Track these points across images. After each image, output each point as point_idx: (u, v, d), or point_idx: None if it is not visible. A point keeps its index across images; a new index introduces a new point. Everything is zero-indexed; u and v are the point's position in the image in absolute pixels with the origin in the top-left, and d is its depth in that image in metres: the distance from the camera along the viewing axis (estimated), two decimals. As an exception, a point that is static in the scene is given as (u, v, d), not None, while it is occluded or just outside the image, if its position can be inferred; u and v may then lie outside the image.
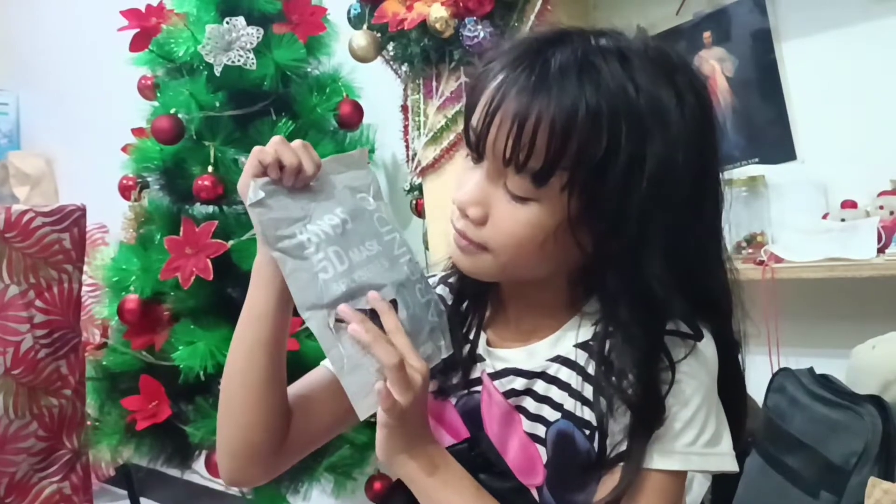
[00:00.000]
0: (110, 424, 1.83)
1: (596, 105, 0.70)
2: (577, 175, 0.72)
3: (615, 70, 0.72)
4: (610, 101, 0.70)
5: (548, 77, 0.71)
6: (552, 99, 0.70)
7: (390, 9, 1.81)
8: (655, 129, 0.71)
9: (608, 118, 0.70)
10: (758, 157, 1.76)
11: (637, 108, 0.71)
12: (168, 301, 1.80)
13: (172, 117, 1.78)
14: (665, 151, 0.72)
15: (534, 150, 0.71)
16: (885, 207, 1.47)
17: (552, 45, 0.74)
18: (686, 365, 0.78)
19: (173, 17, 1.84)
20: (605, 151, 0.70)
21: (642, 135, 0.71)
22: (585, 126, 0.70)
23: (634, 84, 0.72)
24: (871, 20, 1.59)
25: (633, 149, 0.71)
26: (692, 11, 1.83)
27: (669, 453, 0.77)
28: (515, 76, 0.73)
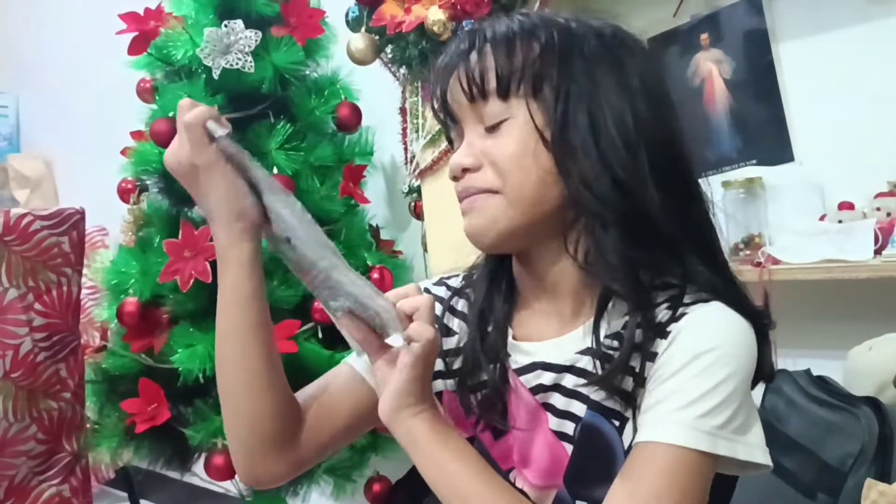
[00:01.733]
0: (109, 427, 1.83)
1: (530, 24, 0.81)
2: (529, 80, 0.79)
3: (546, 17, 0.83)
4: (541, 23, 0.81)
5: (485, 32, 0.82)
6: (490, 31, 0.81)
7: (388, 11, 1.81)
8: (582, 44, 0.81)
9: (542, 31, 0.80)
10: (755, 159, 1.76)
11: (565, 27, 0.82)
12: (167, 304, 1.80)
13: (171, 120, 1.78)
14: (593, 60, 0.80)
15: (486, 74, 0.79)
16: (882, 209, 1.47)
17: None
18: (683, 325, 0.76)
19: (171, 21, 1.84)
20: (542, 53, 0.79)
21: (572, 44, 0.80)
22: (523, 38, 0.80)
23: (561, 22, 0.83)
24: (868, 21, 1.59)
25: (565, 51, 0.80)
26: (689, 13, 1.83)
27: (682, 425, 0.72)
28: (458, 47, 0.83)
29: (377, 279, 1.87)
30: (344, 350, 1.75)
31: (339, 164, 1.90)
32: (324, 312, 1.71)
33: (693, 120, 1.86)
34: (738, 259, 1.59)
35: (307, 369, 1.73)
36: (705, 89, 1.83)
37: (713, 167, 1.83)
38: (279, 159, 1.79)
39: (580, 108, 0.78)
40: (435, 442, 0.77)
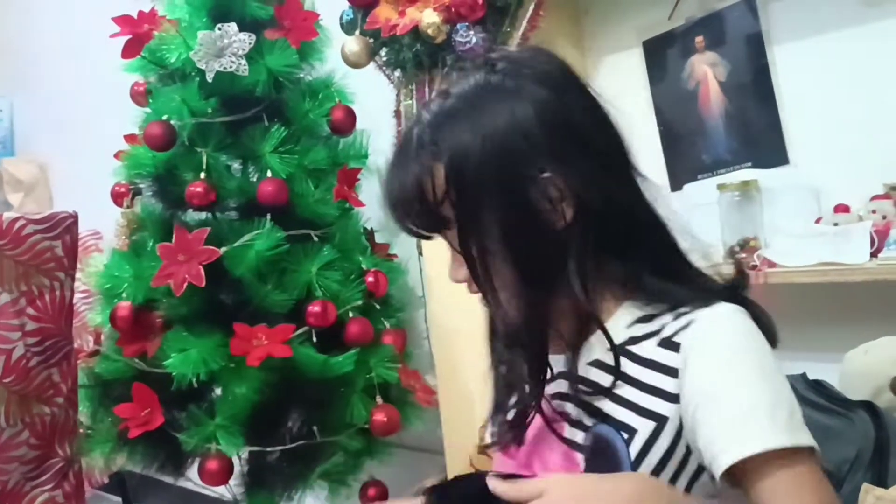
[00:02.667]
0: (103, 432, 1.82)
1: (426, 153, 0.82)
2: (447, 220, 0.83)
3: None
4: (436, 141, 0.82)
5: (392, 178, 0.85)
6: (397, 165, 0.85)
7: (382, 14, 1.81)
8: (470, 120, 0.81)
9: (441, 157, 0.81)
10: (750, 162, 1.76)
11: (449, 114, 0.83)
12: (160, 308, 1.79)
13: (164, 124, 1.78)
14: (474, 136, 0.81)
15: (414, 223, 0.85)
16: (878, 212, 1.47)
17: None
18: (693, 334, 0.79)
19: (165, 24, 1.83)
20: (446, 192, 0.81)
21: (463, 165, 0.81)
22: (424, 179, 0.81)
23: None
24: (863, 24, 1.59)
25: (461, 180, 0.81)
26: (684, 16, 1.83)
27: (770, 430, 0.73)
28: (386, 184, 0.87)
29: (372, 283, 1.86)
30: (338, 354, 1.74)
31: (334, 167, 1.89)
32: (318, 316, 1.72)
33: (688, 123, 1.86)
34: (734, 262, 1.58)
35: (301, 373, 1.73)
36: (700, 92, 1.83)
37: (708, 170, 1.83)
38: (273, 162, 1.78)
39: (494, 230, 0.81)
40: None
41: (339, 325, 1.79)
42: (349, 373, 1.74)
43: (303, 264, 1.78)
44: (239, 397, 1.70)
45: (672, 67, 1.87)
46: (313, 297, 1.76)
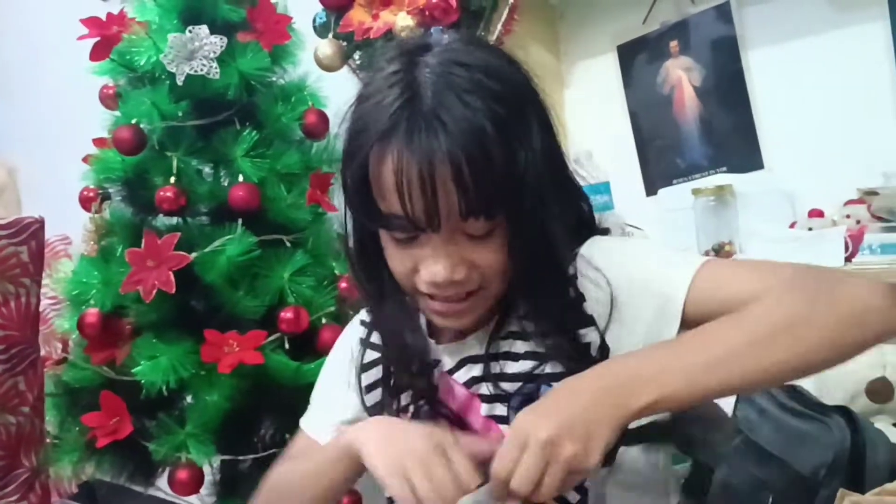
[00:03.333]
0: (70, 441, 1.78)
1: (492, 123, 0.76)
2: (507, 188, 0.78)
3: (472, 79, 0.78)
4: (493, 111, 0.77)
5: (439, 122, 0.75)
6: (462, 138, 0.75)
7: (356, 17, 1.79)
8: (527, 113, 0.82)
9: (505, 128, 0.77)
10: (725, 167, 1.77)
11: (507, 98, 0.79)
12: (129, 315, 1.76)
13: (134, 127, 1.75)
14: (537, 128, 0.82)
15: (481, 194, 0.76)
16: (852, 216, 1.47)
17: (409, 91, 0.78)
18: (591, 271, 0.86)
19: (135, 26, 1.80)
20: (510, 157, 0.78)
21: (524, 123, 0.81)
22: (497, 148, 0.77)
23: (495, 81, 0.79)
24: (835, 29, 1.60)
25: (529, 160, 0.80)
26: (659, 21, 1.83)
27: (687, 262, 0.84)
28: (411, 140, 0.76)
29: (345, 289, 1.84)
30: (311, 361, 1.72)
31: (307, 171, 1.87)
32: (290, 323, 1.69)
33: (663, 127, 1.86)
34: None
35: (273, 380, 1.70)
36: (675, 97, 1.83)
37: (683, 174, 1.83)
38: (245, 167, 1.76)
39: (544, 208, 0.82)
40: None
41: (311, 332, 1.76)
42: (322, 379, 1.72)
43: (275, 270, 1.76)
44: (210, 405, 1.68)
45: (647, 72, 1.87)
46: (286, 303, 1.74)
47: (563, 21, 2.00)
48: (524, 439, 0.71)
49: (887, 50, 1.53)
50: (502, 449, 0.73)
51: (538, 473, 0.71)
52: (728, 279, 0.81)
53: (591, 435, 0.71)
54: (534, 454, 0.70)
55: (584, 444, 0.70)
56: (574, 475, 0.72)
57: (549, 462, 0.70)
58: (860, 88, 1.58)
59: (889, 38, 1.53)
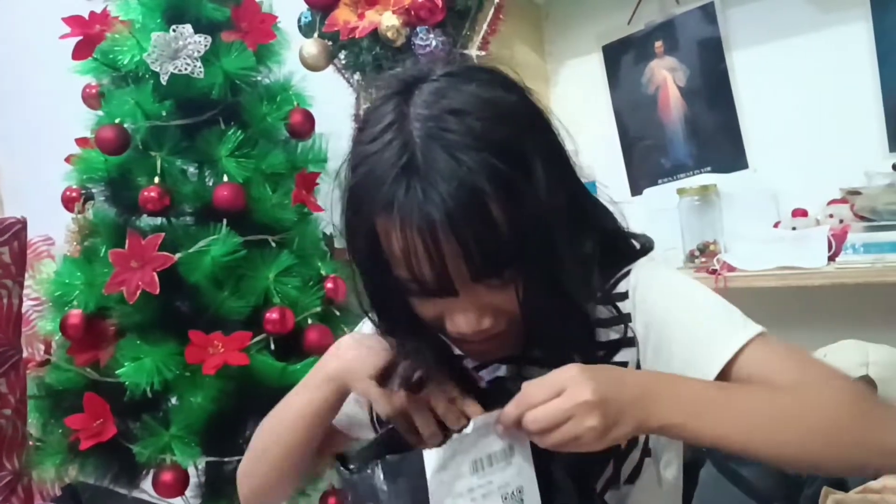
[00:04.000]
0: (53, 444, 1.77)
1: (490, 179, 0.72)
2: (514, 244, 0.76)
3: (464, 129, 0.74)
4: (489, 166, 0.73)
5: (435, 190, 0.72)
6: (460, 206, 0.72)
7: (341, 17, 1.79)
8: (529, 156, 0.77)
9: (504, 181, 0.73)
10: (710, 166, 1.77)
11: (507, 140, 0.76)
12: (113, 316, 1.74)
13: (117, 127, 1.73)
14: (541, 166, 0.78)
15: (488, 258, 0.74)
16: (835, 216, 1.48)
17: (403, 153, 0.74)
18: (635, 284, 0.86)
19: (118, 25, 1.79)
20: (514, 212, 0.74)
21: (526, 167, 0.76)
22: (497, 206, 0.73)
23: (494, 122, 0.76)
24: (819, 30, 1.61)
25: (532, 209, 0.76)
26: (644, 21, 1.83)
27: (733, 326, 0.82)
28: (411, 211, 0.73)
29: (331, 289, 1.84)
30: (296, 362, 1.72)
31: (292, 171, 1.86)
32: (276, 323, 1.69)
33: (648, 127, 1.87)
34: (694, 266, 1.59)
35: (259, 381, 1.70)
36: (660, 97, 1.83)
37: (668, 174, 1.84)
38: (230, 166, 1.75)
39: (555, 251, 0.79)
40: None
41: (297, 333, 1.76)
42: (308, 380, 1.71)
43: (260, 270, 1.75)
44: (195, 407, 1.67)
45: (632, 72, 1.88)
46: (271, 303, 1.73)
47: (548, 21, 2.00)
48: (563, 386, 0.72)
49: (870, 50, 1.54)
50: (538, 381, 0.74)
51: (556, 422, 0.71)
52: (776, 366, 0.80)
53: (618, 423, 0.72)
54: (564, 405, 0.71)
55: (606, 426, 0.71)
56: (576, 445, 0.72)
57: (570, 419, 0.71)
58: (843, 89, 1.59)
59: (872, 38, 1.54)
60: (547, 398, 0.72)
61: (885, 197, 1.41)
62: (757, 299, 1.57)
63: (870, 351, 1.34)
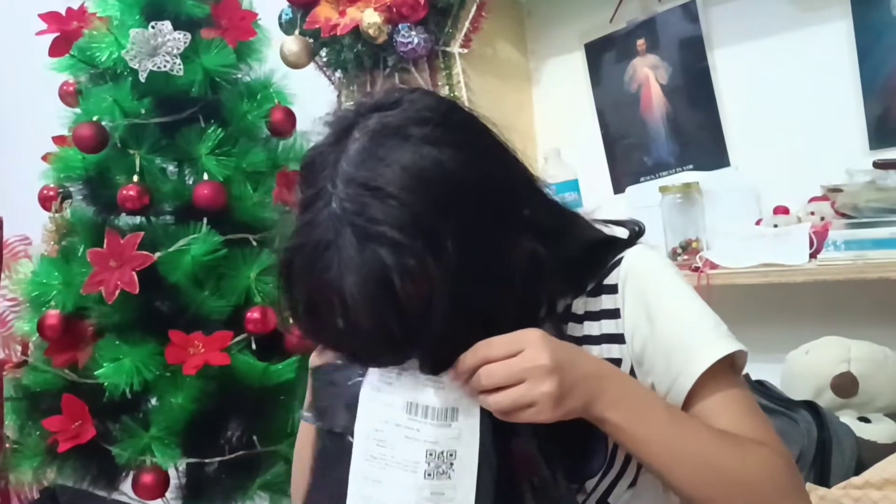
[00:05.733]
0: (31, 446, 1.75)
1: (398, 270, 0.70)
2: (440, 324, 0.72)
3: (384, 209, 0.71)
4: (397, 251, 0.70)
5: (348, 268, 0.71)
6: (367, 291, 0.70)
7: (323, 14, 1.78)
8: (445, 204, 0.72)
9: (418, 265, 0.70)
10: (692, 164, 1.78)
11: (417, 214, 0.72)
12: (92, 316, 1.72)
13: (95, 125, 1.71)
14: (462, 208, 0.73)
15: (405, 337, 0.72)
16: (816, 213, 1.49)
17: (323, 225, 0.73)
18: (625, 272, 0.84)
19: (95, 21, 1.76)
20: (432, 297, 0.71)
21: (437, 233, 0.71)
22: (405, 287, 0.70)
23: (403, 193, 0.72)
24: (800, 28, 1.62)
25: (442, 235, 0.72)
26: (625, 19, 1.84)
27: (707, 344, 0.80)
28: (329, 285, 0.72)
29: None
30: (278, 362, 1.70)
31: (273, 169, 1.85)
32: (257, 323, 1.67)
33: (630, 125, 1.87)
34: (677, 264, 1.59)
35: (240, 381, 1.68)
36: (642, 95, 1.84)
37: (650, 172, 1.84)
38: (210, 165, 1.73)
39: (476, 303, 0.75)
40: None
41: (279, 332, 1.74)
42: (290, 380, 1.70)
43: (241, 269, 1.73)
44: (175, 407, 1.65)
45: (614, 70, 1.88)
46: (252, 303, 1.72)
47: (530, 19, 2.00)
48: (521, 347, 0.73)
49: (850, 48, 1.55)
50: (498, 339, 0.73)
51: (511, 381, 0.72)
52: (737, 414, 0.80)
53: (570, 394, 0.72)
54: (522, 364, 0.72)
55: (561, 394, 0.72)
56: (529, 412, 0.72)
57: (523, 382, 0.71)
58: (824, 87, 1.60)
59: (852, 36, 1.55)
60: (505, 355, 0.72)
61: (866, 194, 1.41)
62: (739, 296, 1.58)
63: (851, 347, 1.35)
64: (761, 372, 1.36)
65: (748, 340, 1.63)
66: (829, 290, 1.45)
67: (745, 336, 1.64)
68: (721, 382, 0.80)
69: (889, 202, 1.37)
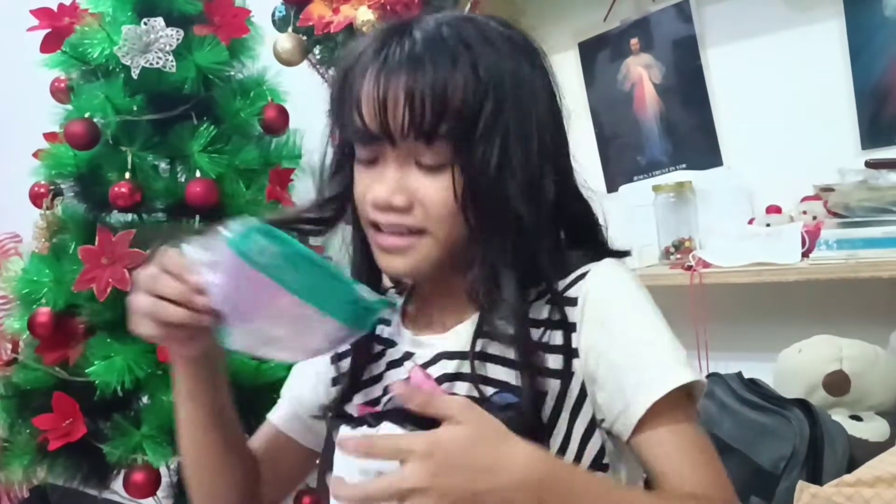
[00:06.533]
0: (21, 445, 1.74)
1: (471, 58, 0.76)
2: (473, 128, 0.76)
3: (471, 32, 0.78)
4: (478, 53, 0.76)
5: (421, 44, 0.76)
6: (437, 58, 0.75)
7: (316, 11, 1.77)
8: (517, 80, 0.79)
9: (483, 70, 0.76)
10: (685, 163, 1.78)
11: (499, 62, 0.78)
12: (83, 314, 1.71)
13: (87, 121, 1.71)
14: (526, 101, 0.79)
15: (443, 114, 0.74)
16: (808, 212, 1.50)
17: (411, 23, 0.79)
18: (588, 286, 0.80)
19: (87, 18, 1.76)
20: (489, 100, 0.76)
21: (502, 80, 0.77)
22: (470, 79, 0.75)
23: (491, 44, 0.78)
24: (792, 27, 1.62)
25: (501, 96, 0.77)
26: (619, 18, 1.84)
27: (666, 369, 0.75)
28: (389, 55, 0.76)
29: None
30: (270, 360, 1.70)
31: (266, 167, 1.85)
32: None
33: (624, 124, 1.87)
34: (669, 262, 1.60)
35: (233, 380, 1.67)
36: (636, 94, 1.84)
37: (644, 171, 1.85)
38: (202, 162, 1.73)
39: (501, 163, 0.77)
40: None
41: (271, 330, 1.74)
42: (282, 379, 1.70)
43: (233, 267, 1.73)
44: (166, 405, 1.64)
45: (608, 69, 1.88)
46: (244, 301, 1.71)
47: (524, 18, 1.99)
48: (407, 454, 0.63)
49: (842, 48, 1.56)
50: (396, 436, 0.68)
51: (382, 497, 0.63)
52: (687, 452, 0.75)
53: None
54: (395, 486, 0.62)
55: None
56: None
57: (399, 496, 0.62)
58: (816, 86, 1.60)
59: (844, 36, 1.55)
60: (390, 456, 0.63)
61: (858, 194, 1.42)
62: (732, 295, 1.59)
63: (843, 346, 1.35)
64: (754, 370, 1.36)
65: (741, 339, 1.65)
66: (821, 289, 1.46)
67: (737, 334, 1.66)
68: (674, 414, 0.75)
69: (881, 202, 1.38)
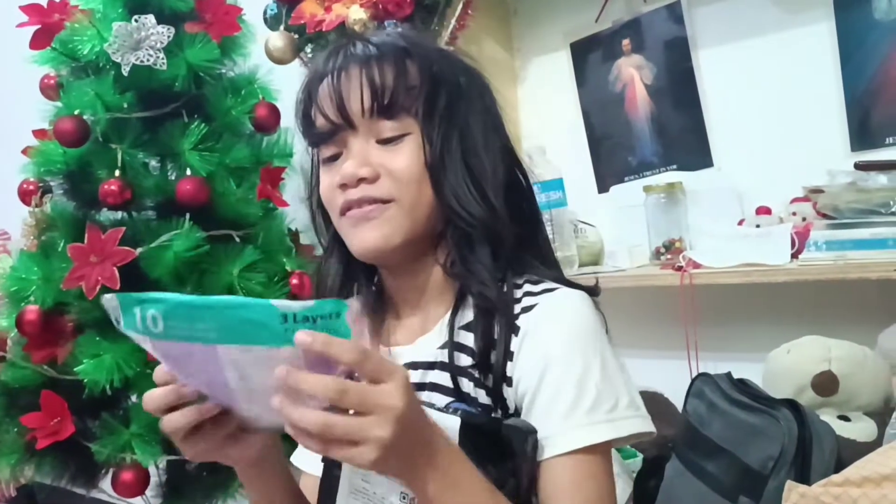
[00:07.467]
0: (9, 443, 1.72)
1: (419, 48, 0.88)
2: (424, 101, 0.85)
3: (412, 36, 0.91)
4: (425, 47, 0.89)
5: (371, 44, 0.87)
6: (385, 49, 0.86)
7: (308, 10, 1.77)
8: (452, 68, 0.90)
9: (432, 55, 0.88)
10: (676, 164, 1.79)
11: (442, 56, 0.91)
12: (71, 312, 1.70)
13: (76, 118, 1.69)
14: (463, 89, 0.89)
15: (393, 91, 0.83)
16: (798, 214, 1.50)
17: (358, 38, 0.90)
18: (536, 317, 0.82)
19: (78, 14, 1.75)
20: (434, 79, 0.86)
21: (454, 74, 0.89)
22: (417, 60, 0.86)
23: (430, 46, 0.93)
24: (783, 30, 1.63)
25: (450, 80, 0.88)
26: (611, 19, 1.84)
27: (579, 427, 0.77)
28: (341, 58, 0.86)
29: (296, 285, 1.82)
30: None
31: (257, 165, 1.84)
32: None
33: (615, 125, 1.88)
34: (660, 263, 1.60)
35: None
36: (627, 95, 1.84)
37: (635, 172, 1.85)
38: (193, 160, 1.72)
39: (457, 134, 0.86)
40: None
41: (262, 329, 1.73)
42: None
43: (224, 266, 1.72)
44: (155, 404, 1.64)
45: (599, 70, 1.89)
46: (235, 299, 1.71)
47: (516, 17, 2.00)
48: (385, 379, 0.64)
49: (833, 51, 1.56)
50: (375, 356, 0.65)
51: (357, 407, 0.62)
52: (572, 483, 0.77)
53: (398, 456, 0.65)
54: (374, 398, 0.63)
55: (389, 448, 0.63)
56: (346, 449, 0.63)
57: (369, 415, 0.62)
58: (807, 88, 1.61)
59: (834, 38, 1.56)
60: (368, 375, 0.63)
61: (847, 195, 1.43)
62: (721, 296, 1.59)
63: (832, 347, 1.35)
64: (743, 371, 1.37)
65: (730, 339, 1.66)
66: (810, 290, 1.47)
67: (727, 335, 1.67)
68: (580, 468, 0.77)
69: (869, 203, 1.38)
